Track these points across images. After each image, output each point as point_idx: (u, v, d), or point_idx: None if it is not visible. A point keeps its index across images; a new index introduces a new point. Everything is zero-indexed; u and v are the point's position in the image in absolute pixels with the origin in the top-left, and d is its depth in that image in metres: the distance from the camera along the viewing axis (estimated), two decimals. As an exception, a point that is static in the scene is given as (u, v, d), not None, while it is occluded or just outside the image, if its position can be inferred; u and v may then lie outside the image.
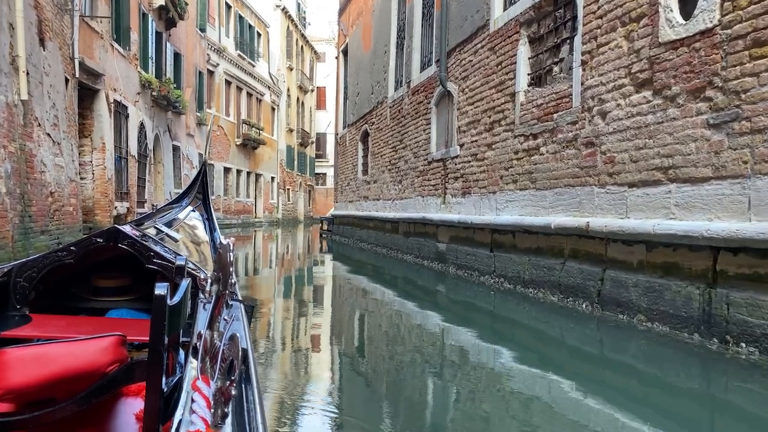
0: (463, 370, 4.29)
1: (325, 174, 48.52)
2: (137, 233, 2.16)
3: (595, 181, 5.46)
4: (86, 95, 13.18)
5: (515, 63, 7.06)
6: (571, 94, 5.88)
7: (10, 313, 1.98)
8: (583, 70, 5.69)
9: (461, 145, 8.66)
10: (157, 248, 2.10)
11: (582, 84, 5.70)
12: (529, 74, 6.91)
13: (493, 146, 7.58)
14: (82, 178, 13.27)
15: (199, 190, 4.08)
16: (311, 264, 13.14)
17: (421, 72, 10.81)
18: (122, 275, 2.38)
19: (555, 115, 6.16)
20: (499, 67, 7.48)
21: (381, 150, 13.45)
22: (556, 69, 6.36)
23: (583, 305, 5.58)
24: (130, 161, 15.54)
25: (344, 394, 3.72)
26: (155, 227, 2.68)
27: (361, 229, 15.19)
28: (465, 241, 8.35)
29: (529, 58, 6.91)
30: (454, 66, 9.02)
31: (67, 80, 11.15)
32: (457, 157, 8.78)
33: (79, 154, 13.24)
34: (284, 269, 11.97)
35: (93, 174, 13.51)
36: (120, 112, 14.69)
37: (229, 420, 1.15)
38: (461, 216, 8.38)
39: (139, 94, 16.45)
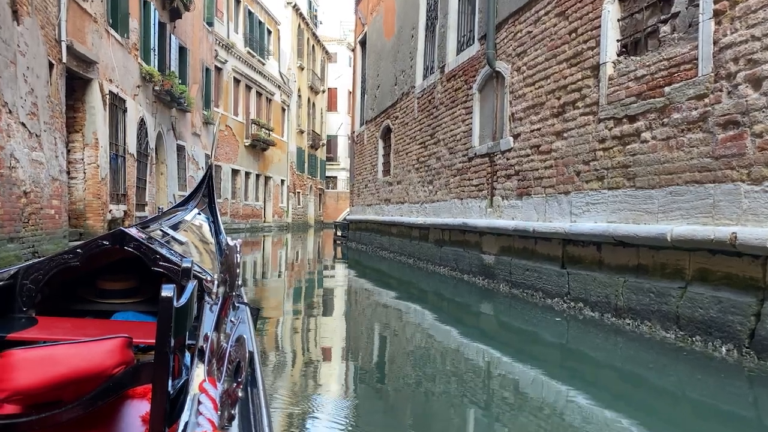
0: (518, 410, 3.37)
1: (335, 177, 47.43)
2: (143, 236, 2.17)
3: (742, 176, 3.90)
4: (78, 86, 11.80)
5: (598, 27, 5.52)
6: (696, 59, 4.32)
7: (16, 316, 2.00)
8: (718, 23, 4.14)
9: (516, 136, 7.12)
10: (163, 251, 2.12)
11: (715, 43, 4.15)
12: (619, 40, 5.36)
13: (565, 134, 6.03)
14: (71, 178, 11.88)
15: (204, 193, 4.05)
16: (325, 274, 11.61)
17: (458, 54, 9.28)
18: (128, 278, 2.38)
19: (667, 89, 4.60)
20: (573, 35, 5.94)
21: (406, 147, 11.92)
22: (664, 29, 4.80)
23: (722, 349, 4.01)
24: (129, 160, 14.09)
25: (355, 406, 3.45)
26: (161, 230, 2.66)
27: (381, 235, 13.65)
28: (522, 254, 6.79)
29: (618, 20, 5.37)
30: (505, 41, 7.48)
31: (51, 65, 9.73)
32: (510, 150, 7.23)
33: (69, 150, 11.85)
34: (296, 279, 10.46)
35: (84, 173, 12.08)
36: (117, 105, 13.26)
37: (235, 422, 1.10)
38: (517, 222, 6.83)
39: (139, 87, 15.03)
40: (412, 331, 5.95)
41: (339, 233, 20.15)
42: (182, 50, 19.49)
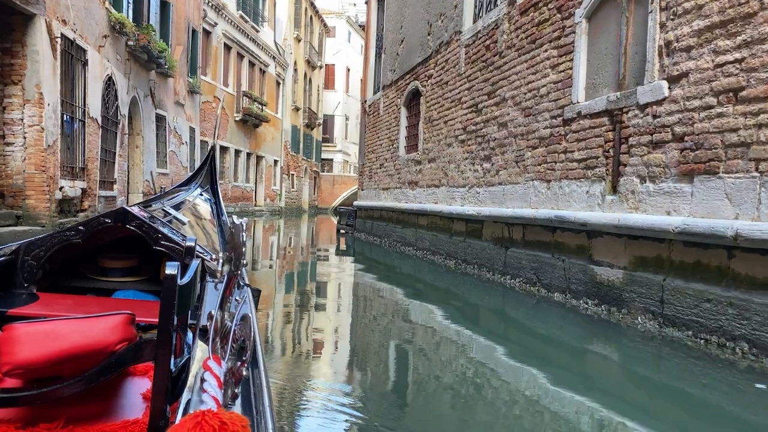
0: None
1: (331, 160, 45.11)
2: (145, 215, 2.17)
3: None
4: (17, 23, 8.98)
5: None
6: None
7: (18, 291, 2.00)
8: None
9: (675, 78, 4.40)
10: (165, 230, 2.12)
11: None
12: None
13: (819, 63, 3.33)
14: (6, 144, 9.14)
15: (206, 174, 4.14)
16: (329, 273, 8.85)
17: (541, -26, 6.52)
18: (129, 256, 2.39)
19: None
20: None
21: (445, 113, 9.17)
22: None
23: None
24: (90, 126, 11.23)
25: (357, 396, 3.20)
26: (163, 209, 2.71)
27: (403, 227, 10.92)
28: (693, 272, 4.10)
29: None
30: (649, -69, 4.74)
31: (-36, -19, 6.93)
32: (660, 101, 4.52)
33: (4, 108, 9.08)
34: (297, 273, 7.74)
35: (24, 138, 9.23)
36: (72, 54, 10.35)
37: (238, 401, 1.12)
38: (686, 219, 4.13)
39: (106, 38, 12.13)
40: (453, 351, 4.45)
41: (343, 222, 17.25)
42: (164, 5, 16.55)
